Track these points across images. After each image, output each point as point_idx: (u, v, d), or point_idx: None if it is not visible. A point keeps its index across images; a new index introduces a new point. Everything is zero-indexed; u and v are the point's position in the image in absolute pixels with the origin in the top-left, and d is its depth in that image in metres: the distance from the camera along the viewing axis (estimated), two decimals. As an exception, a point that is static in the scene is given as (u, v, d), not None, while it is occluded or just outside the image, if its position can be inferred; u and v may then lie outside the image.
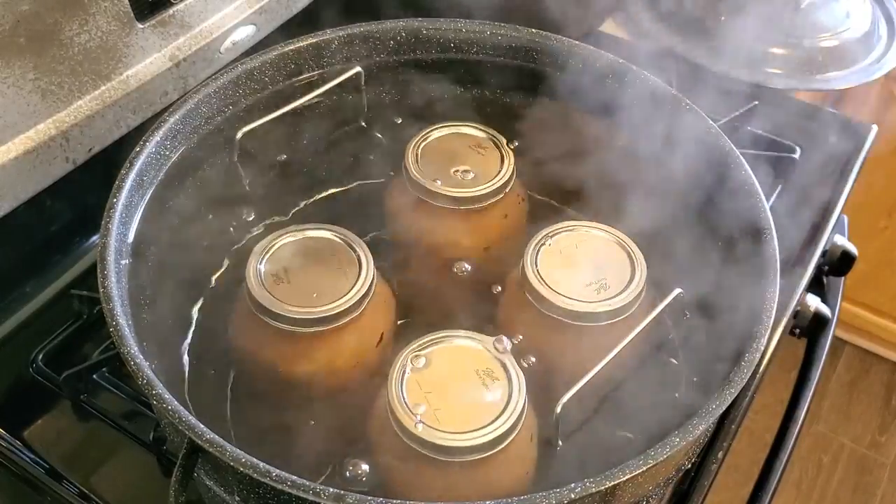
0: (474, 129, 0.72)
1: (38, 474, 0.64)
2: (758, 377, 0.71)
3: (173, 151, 0.63)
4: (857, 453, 1.67)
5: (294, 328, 0.58)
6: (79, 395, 0.68)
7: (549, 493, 0.45)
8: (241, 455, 0.45)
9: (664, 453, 0.47)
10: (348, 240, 0.63)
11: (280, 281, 0.60)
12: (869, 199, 1.50)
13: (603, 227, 0.65)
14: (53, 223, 0.75)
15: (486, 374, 0.55)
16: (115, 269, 0.54)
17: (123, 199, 0.58)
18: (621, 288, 0.60)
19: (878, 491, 1.62)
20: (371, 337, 0.61)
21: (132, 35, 0.70)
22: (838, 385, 1.77)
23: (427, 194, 0.67)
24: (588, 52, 0.71)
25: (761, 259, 0.57)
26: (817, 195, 0.85)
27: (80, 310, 0.73)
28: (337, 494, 0.44)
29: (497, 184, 0.68)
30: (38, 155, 0.66)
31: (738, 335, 0.54)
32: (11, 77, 0.62)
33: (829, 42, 0.97)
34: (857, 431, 1.71)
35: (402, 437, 0.53)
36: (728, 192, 0.63)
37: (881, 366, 1.80)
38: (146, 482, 0.65)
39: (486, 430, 0.52)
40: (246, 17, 0.80)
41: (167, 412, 0.47)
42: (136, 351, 0.50)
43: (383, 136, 0.76)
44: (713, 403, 0.49)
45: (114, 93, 0.70)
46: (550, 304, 0.60)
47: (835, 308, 0.86)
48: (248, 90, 0.68)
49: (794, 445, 0.78)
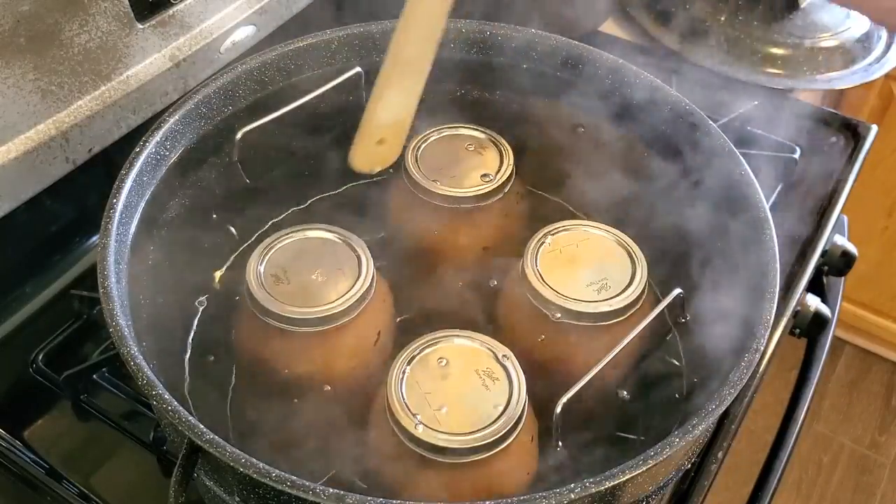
0: (474, 130, 0.72)
1: (38, 474, 0.64)
2: (758, 377, 0.71)
3: (173, 151, 0.63)
4: (857, 453, 1.67)
5: (294, 328, 0.58)
6: (79, 395, 0.68)
7: (549, 494, 0.45)
8: (241, 455, 0.45)
9: (664, 453, 0.47)
10: (348, 240, 0.63)
11: (280, 281, 0.60)
12: (869, 199, 1.51)
13: (603, 226, 0.65)
14: (53, 223, 0.75)
15: (486, 375, 0.55)
16: (115, 269, 0.54)
17: (123, 199, 0.58)
18: (622, 288, 0.60)
19: (878, 491, 1.62)
20: (370, 336, 0.61)
21: (132, 35, 0.70)
22: (838, 385, 1.77)
23: (426, 194, 0.67)
24: (587, 51, 0.71)
25: (761, 259, 0.57)
26: (817, 195, 0.85)
27: (80, 310, 0.73)
28: (337, 495, 0.44)
29: (496, 183, 0.68)
30: (38, 155, 0.66)
31: (738, 335, 0.54)
32: (11, 77, 0.62)
33: (829, 42, 0.98)
34: (857, 431, 1.71)
35: (401, 437, 0.53)
36: (728, 192, 0.62)
37: (881, 366, 1.80)
38: (146, 482, 0.65)
39: (486, 431, 0.52)
40: (246, 17, 0.80)
41: (167, 412, 0.47)
42: (136, 351, 0.50)
43: (383, 136, 0.76)
44: (713, 403, 0.49)
45: (114, 93, 0.70)
46: (550, 303, 0.60)
47: (835, 308, 0.86)
48: (248, 90, 0.68)
49: (794, 445, 0.78)
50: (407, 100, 0.49)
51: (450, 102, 0.74)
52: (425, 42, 0.46)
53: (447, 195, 0.67)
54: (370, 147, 0.51)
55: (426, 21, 0.45)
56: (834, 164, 0.88)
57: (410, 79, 0.47)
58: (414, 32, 0.45)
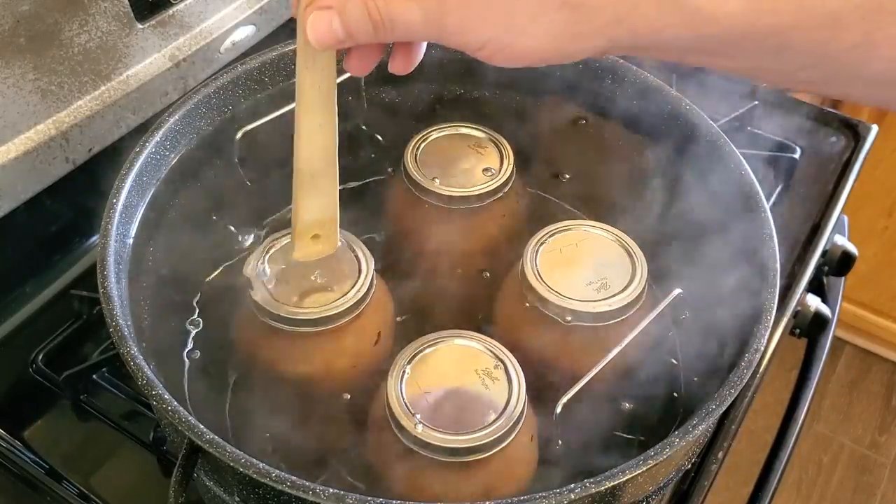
0: (474, 129, 0.72)
1: (38, 474, 0.64)
2: (758, 377, 0.71)
3: (173, 152, 0.63)
4: (857, 453, 1.67)
5: (294, 328, 0.58)
6: (79, 395, 0.68)
7: (549, 494, 0.45)
8: (241, 455, 0.45)
9: (664, 453, 0.47)
10: (347, 240, 0.63)
11: (280, 281, 0.60)
12: (869, 199, 1.51)
13: (603, 226, 0.65)
14: (53, 223, 0.75)
15: (486, 374, 0.55)
16: (115, 270, 0.54)
17: (123, 200, 0.58)
18: (622, 287, 0.60)
19: (878, 491, 1.62)
20: (369, 337, 0.61)
21: (132, 35, 0.70)
22: (838, 385, 1.77)
23: (426, 194, 0.67)
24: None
25: (761, 259, 0.57)
26: (817, 195, 0.85)
27: (80, 310, 0.73)
28: (337, 495, 0.44)
29: (496, 183, 0.68)
30: (38, 155, 0.66)
31: (738, 335, 0.54)
32: (11, 77, 0.62)
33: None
34: (857, 431, 1.71)
35: (401, 437, 0.53)
36: (728, 192, 0.62)
37: (881, 366, 1.80)
38: (146, 482, 0.65)
39: (486, 431, 0.52)
40: (246, 17, 0.80)
41: (167, 412, 0.47)
42: (136, 351, 0.50)
43: (383, 137, 0.76)
44: (713, 403, 0.49)
45: (114, 93, 0.70)
46: (550, 303, 0.60)
47: (835, 308, 0.86)
48: (248, 90, 0.68)
49: (794, 445, 0.78)
50: (326, 200, 0.54)
51: (449, 101, 0.74)
52: (324, 151, 0.51)
53: (447, 195, 0.67)
54: (307, 242, 0.56)
55: (320, 134, 0.50)
56: (834, 164, 0.88)
57: (322, 182, 0.52)
58: (309, 146, 0.50)
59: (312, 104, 0.48)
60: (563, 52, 0.38)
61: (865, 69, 0.34)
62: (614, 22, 0.36)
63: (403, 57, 0.45)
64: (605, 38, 0.37)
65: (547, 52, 0.38)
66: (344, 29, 0.39)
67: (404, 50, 0.45)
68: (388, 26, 0.38)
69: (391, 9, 0.38)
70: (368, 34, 0.39)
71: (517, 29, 0.37)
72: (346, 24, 0.39)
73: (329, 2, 0.39)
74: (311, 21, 0.40)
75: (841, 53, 0.34)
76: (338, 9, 0.39)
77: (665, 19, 0.35)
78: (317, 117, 0.49)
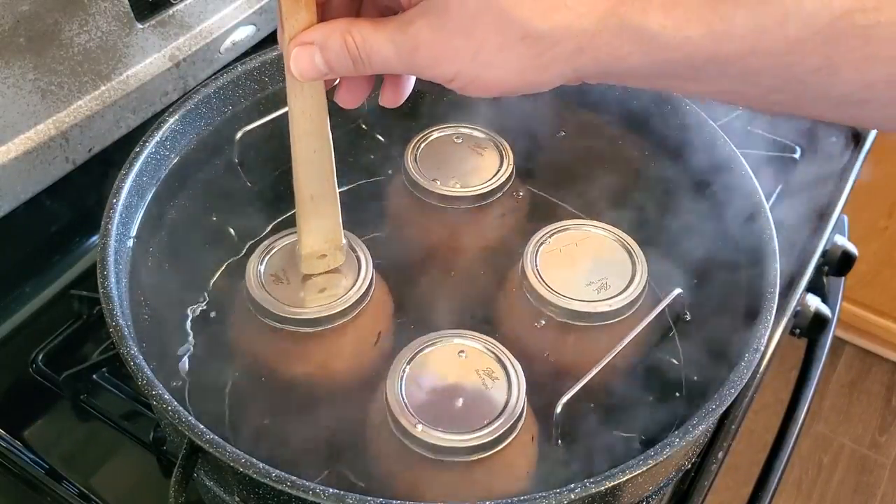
0: (474, 130, 0.72)
1: (38, 474, 0.64)
2: (758, 377, 0.71)
3: (173, 152, 0.64)
4: (857, 453, 1.67)
5: (293, 328, 0.58)
6: (79, 395, 0.68)
7: (549, 494, 0.45)
8: (241, 455, 0.45)
9: (664, 453, 0.47)
10: (348, 240, 0.63)
11: (279, 281, 0.60)
12: (869, 199, 1.51)
13: (603, 225, 0.65)
14: (53, 223, 0.75)
15: (486, 374, 0.55)
16: (115, 270, 0.54)
17: (123, 200, 0.58)
18: (622, 287, 0.60)
19: (878, 491, 1.62)
20: (369, 336, 0.61)
21: (132, 35, 0.70)
22: (838, 385, 1.77)
23: (426, 194, 0.67)
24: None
25: (761, 259, 0.57)
26: (817, 195, 0.85)
27: (80, 310, 0.73)
28: (337, 495, 0.44)
29: (496, 183, 0.68)
30: (38, 155, 0.66)
31: (739, 335, 0.54)
32: (11, 77, 0.62)
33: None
34: (857, 431, 1.71)
35: (401, 437, 0.53)
36: (728, 192, 0.63)
37: (881, 366, 1.80)
38: (146, 482, 0.65)
39: (486, 431, 0.52)
40: (246, 17, 0.80)
41: (167, 412, 0.47)
42: (136, 351, 0.50)
43: (383, 137, 0.76)
44: (713, 403, 0.49)
45: (114, 93, 0.70)
46: (550, 303, 0.60)
47: (835, 308, 0.86)
48: (248, 90, 0.68)
49: (794, 445, 0.78)
50: (328, 223, 0.56)
51: (449, 102, 0.74)
52: (321, 175, 0.52)
53: (446, 195, 0.67)
54: (314, 260, 0.58)
55: (316, 160, 0.51)
56: (834, 164, 0.88)
57: (323, 206, 0.54)
58: (307, 173, 0.52)
59: (305, 131, 0.49)
60: (531, 83, 0.39)
61: (832, 90, 0.34)
62: (576, 52, 0.37)
63: (392, 90, 0.47)
64: (570, 67, 0.37)
65: (515, 83, 0.39)
66: (326, 63, 0.42)
67: (393, 83, 0.47)
68: (366, 61, 0.41)
69: (367, 45, 0.40)
70: (348, 68, 0.42)
71: (483, 62, 0.38)
72: (328, 59, 0.42)
73: (311, 37, 0.42)
74: (295, 56, 0.42)
75: (806, 75, 0.34)
76: (319, 44, 0.42)
77: (625, 47, 0.36)
78: (311, 143, 0.50)
